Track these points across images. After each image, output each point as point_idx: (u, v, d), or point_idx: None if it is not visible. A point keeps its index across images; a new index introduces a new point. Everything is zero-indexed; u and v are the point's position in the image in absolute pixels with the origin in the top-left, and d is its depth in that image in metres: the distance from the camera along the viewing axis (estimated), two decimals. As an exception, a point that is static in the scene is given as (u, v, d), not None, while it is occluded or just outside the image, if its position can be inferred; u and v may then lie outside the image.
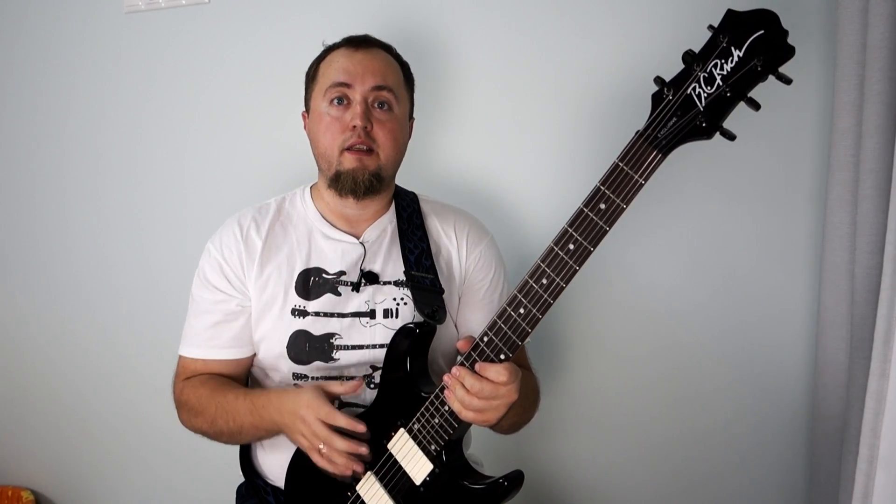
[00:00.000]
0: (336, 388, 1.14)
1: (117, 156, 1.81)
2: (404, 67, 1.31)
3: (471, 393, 1.03)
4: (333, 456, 1.11)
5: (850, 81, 1.26)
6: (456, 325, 1.30)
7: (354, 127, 1.19)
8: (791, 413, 1.46)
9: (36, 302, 1.93)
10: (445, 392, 1.07)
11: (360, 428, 1.10)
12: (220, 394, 1.22)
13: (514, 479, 1.07)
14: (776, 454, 1.48)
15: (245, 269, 1.24)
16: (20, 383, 1.99)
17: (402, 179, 1.36)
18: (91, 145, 1.82)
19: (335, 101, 1.22)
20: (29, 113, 1.86)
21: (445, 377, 1.06)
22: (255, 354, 1.28)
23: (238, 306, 1.25)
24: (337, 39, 1.29)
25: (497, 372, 1.03)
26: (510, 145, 1.56)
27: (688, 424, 1.53)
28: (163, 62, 1.74)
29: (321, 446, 1.10)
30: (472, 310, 1.31)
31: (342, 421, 1.09)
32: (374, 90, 1.21)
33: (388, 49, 1.29)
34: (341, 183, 1.21)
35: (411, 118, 1.33)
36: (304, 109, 1.32)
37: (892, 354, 0.99)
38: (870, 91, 1.19)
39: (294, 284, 1.23)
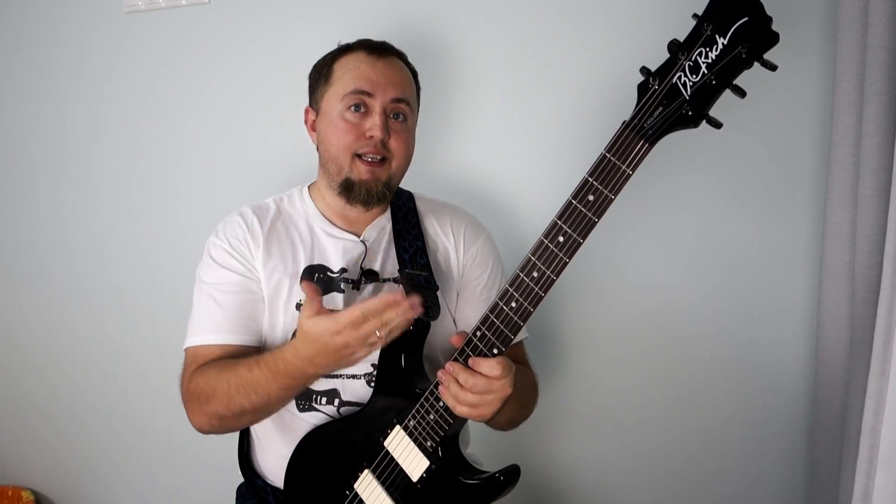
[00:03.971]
0: (309, 298, 1.06)
1: (117, 155, 1.81)
2: (415, 76, 1.32)
3: (464, 388, 1.03)
4: (393, 324, 1.01)
5: (850, 81, 1.26)
6: (455, 322, 1.30)
7: (372, 137, 1.20)
8: (791, 413, 1.45)
9: (36, 302, 1.94)
10: (439, 388, 1.07)
11: (390, 299, 1.01)
12: (230, 370, 1.13)
13: (511, 474, 1.07)
14: (776, 454, 1.47)
15: (253, 253, 1.23)
16: (20, 383, 1.99)
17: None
18: (91, 145, 1.83)
19: (353, 108, 1.22)
20: (29, 112, 1.87)
21: (439, 373, 1.06)
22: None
23: (255, 287, 1.21)
24: (348, 40, 1.28)
25: (490, 366, 1.02)
26: (505, 143, 1.56)
27: (687, 424, 1.52)
28: (163, 62, 1.75)
29: (377, 332, 1.01)
30: (470, 306, 1.30)
31: (374, 303, 1.00)
32: (393, 102, 1.22)
33: (402, 57, 1.30)
34: (354, 193, 1.22)
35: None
36: (308, 105, 1.31)
37: (892, 354, 0.99)
38: (870, 91, 1.19)
39: (299, 280, 1.23)
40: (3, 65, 1.87)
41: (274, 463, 1.26)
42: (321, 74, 1.28)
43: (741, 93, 0.90)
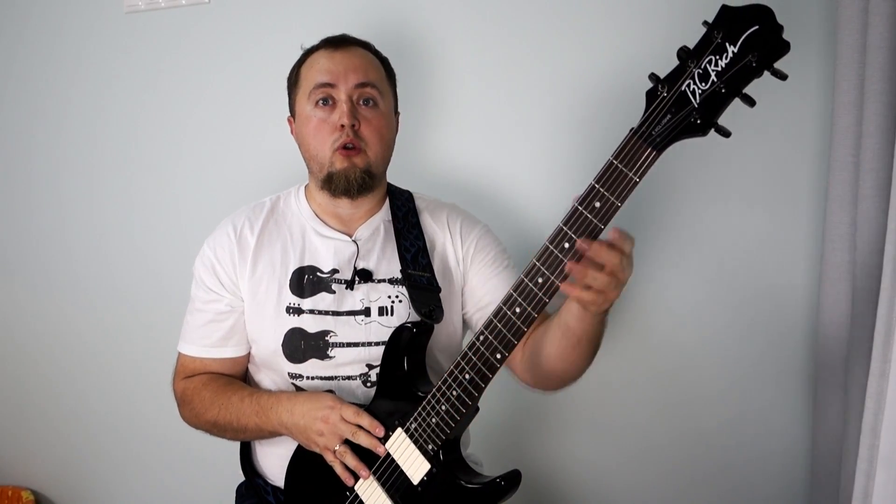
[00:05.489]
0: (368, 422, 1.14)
1: (117, 155, 1.81)
2: (384, 63, 1.31)
3: (601, 270, 0.93)
4: (346, 457, 1.12)
5: (850, 81, 1.25)
6: (454, 322, 1.30)
7: (342, 126, 1.20)
8: (791, 413, 1.45)
9: (36, 302, 1.93)
10: (569, 267, 0.94)
11: (380, 430, 1.12)
12: (224, 396, 1.24)
13: (512, 479, 1.07)
14: (776, 454, 1.47)
15: (237, 269, 1.25)
16: (20, 383, 1.99)
17: (397, 177, 1.36)
18: (90, 144, 1.82)
19: (320, 103, 1.22)
20: (29, 112, 1.86)
21: (578, 243, 0.93)
22: (249, 352, 1.29)
23: (227, 307, 1.26)
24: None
25: (622, 239, 0.94)
26: (506, 144, 1.56)
27: (687, 424, 1.52)
28: (163, 62, 1.75)
29: (337, 447, 1.12)
30: (485, 280, 1.28)
31: (367, 421, 1.11)
32: (357, 87, 1.22)
33: (366, 46, 1.30)
34: (334, 184, 1.22)
35: (397, 113, 1.34)
36: (289, 115, 1.33)
37: (892, 354, 0.99)
38: (870, 91, 1.19)
39: (288, 282, 1.24)
40: (3, 65, 1.86)
41: (275, 462, 1.27)
42: (291, 82, 1.31)
43: (751, 102, 0.89)
